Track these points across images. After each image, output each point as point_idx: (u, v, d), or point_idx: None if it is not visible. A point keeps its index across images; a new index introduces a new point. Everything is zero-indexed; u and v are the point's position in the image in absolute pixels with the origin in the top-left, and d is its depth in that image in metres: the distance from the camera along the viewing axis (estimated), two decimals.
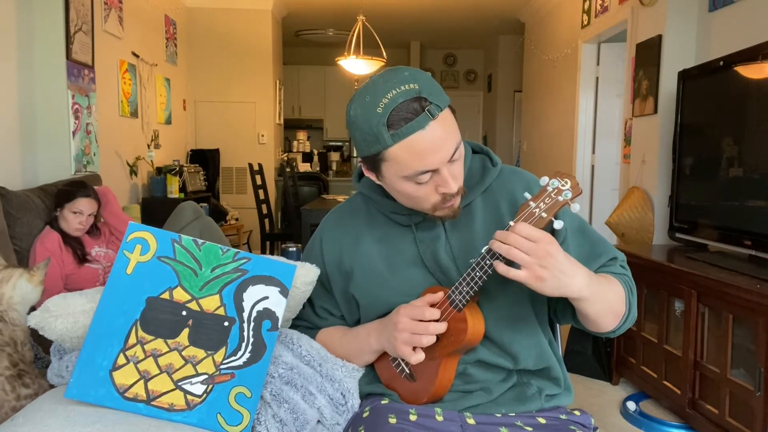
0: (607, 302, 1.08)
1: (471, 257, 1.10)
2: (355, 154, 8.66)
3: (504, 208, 1.17)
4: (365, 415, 1.14)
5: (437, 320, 1.09)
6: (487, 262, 1.02)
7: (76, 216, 2.75)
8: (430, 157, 1.01)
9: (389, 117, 0.99)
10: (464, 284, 1.06)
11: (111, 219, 2.95)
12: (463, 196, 1.13)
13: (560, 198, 0.99)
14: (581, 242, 1.18)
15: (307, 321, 1.31)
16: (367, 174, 1.13)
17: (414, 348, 1.09)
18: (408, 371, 1.16)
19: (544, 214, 0.99)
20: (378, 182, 1.13)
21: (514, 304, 1.16)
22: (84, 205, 2.76)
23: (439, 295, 1.09)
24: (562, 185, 0.99)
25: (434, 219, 1.14)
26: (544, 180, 1.01)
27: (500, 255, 1.00)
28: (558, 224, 1.00)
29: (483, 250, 1.03)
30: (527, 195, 1.03)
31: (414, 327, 1.07)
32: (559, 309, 1.21)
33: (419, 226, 1.17)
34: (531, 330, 1.18)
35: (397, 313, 1.10)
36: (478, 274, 1.04)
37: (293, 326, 1.32)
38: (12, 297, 1.64)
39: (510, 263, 1.00)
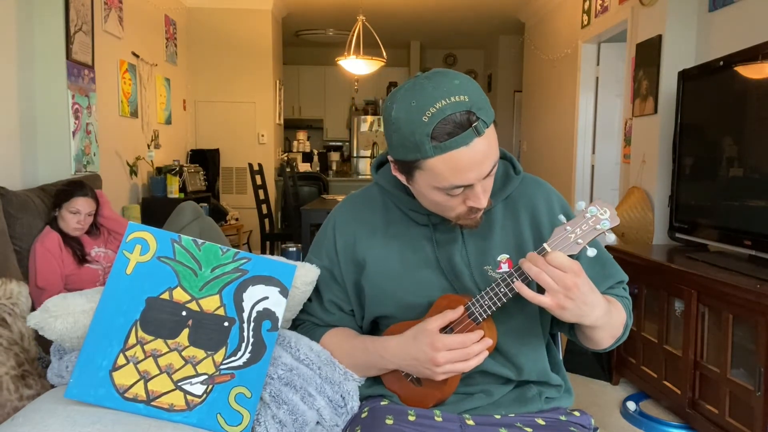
0: (611, 328, 1.11)
1: (486, 264, 1.09)
2: (355, 154, 8.65)
3: (524, 219, 1.16)
4: (363, 415, 1.14)
5: (453, 329, 1.08)
6: (514, 279, 1.01)
7: (75, 216, 2.75)
8: (468, 173, 0.98)
9: (435, 128, 0.95)
10: (486, 298, 1.05)
11: (106, 222, 2.94)
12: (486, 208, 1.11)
13: (598, 226, 0.99)
14: (593, 261, 1.18)
15: (313, 316, 1.26)
16: (395, 174, 1.09)
17: None
18: (414, 376, 1.16)
19: (580, 240, 0.99)
20: (406, 184, 1.10)
21: (525, 316, 1.15)
22: (81, 205, 2.76)
23: (459, 311, 1.07)
24: (601, 214, 0.99)
25: (454, 226, 1.13)
26: (581, 205, 1.00)
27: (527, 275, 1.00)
28: (591, 252, 1.00)
29: (500, 260, 1.03)
30: (562, 218, 1.02)
31: (454, 357, 1.04)
32: (555, 320, 1.20)
33: (437, 227, 1.15)
34: (537, 342, 1.18)
35: (433, 348, 1.04)
36: (503, 290, 1.03)
37: (298, 321, 1.28)
38: (20, 292, 1.71)
39: (532, 284, 1.00)
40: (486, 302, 1.05)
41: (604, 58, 4.77)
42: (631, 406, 2.70)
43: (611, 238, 1.01)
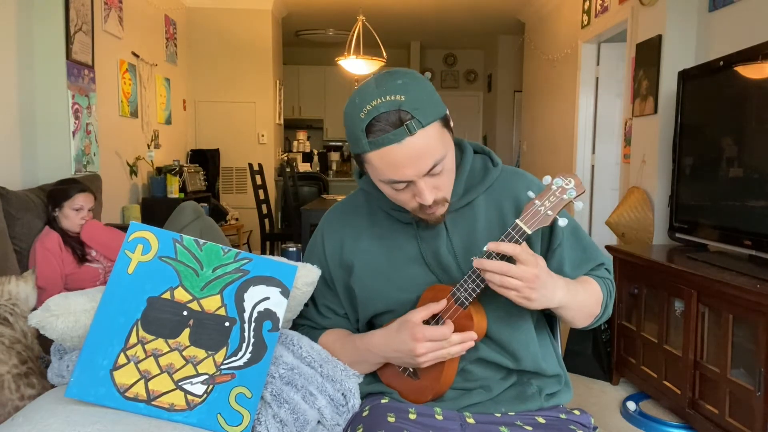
0: (582, 308, 1.16)
1: (472, 255, 1.10)
2: None
3: (507, 209, 1.18)
4: (365, 414, 1.15)
5: (443, 318, 1.10)
6: (494, 259, 1.04)
7: (78, 212, 2.77)
8: (404, 170, 1.02)
9: (369, 125, 1.00)
10: (470, 282, 1.07)
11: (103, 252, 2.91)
12: (456, 200, 1.15)
13: (564, 196, 1.03)
14: (574, 246, 1.22)
15: (310, 320, 1.30)
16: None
17: None
18: (411, 369, 1.16)
19: (549, 212, 1.03)
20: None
21: (512, 302, 1.16)
22: (83, 200, 2.79)
23: (442, 303, 1.09)
24: (566, 184, 1.03)
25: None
26: (548, 179, 1.04)
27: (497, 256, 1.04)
28: (563, 222, 1.04)
29: (486, 249, 1.04)
30: (531, 194, 1.06)
31: (434, 348, 1.07)
32: None
33: (421, 223, 1.17)
34: (528, 327, 1.19)
35: (414, 340, 1.07)
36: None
37: (296, 326, 1.31)
38: (18, 293, 1.73)
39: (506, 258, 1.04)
40: (470, 286, 1.07)
41: (604, 58, 4.77)
42: (631, 406, 2.70)
43: (579, 206, 1.05)
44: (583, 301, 1.15)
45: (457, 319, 1.09)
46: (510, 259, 1.03)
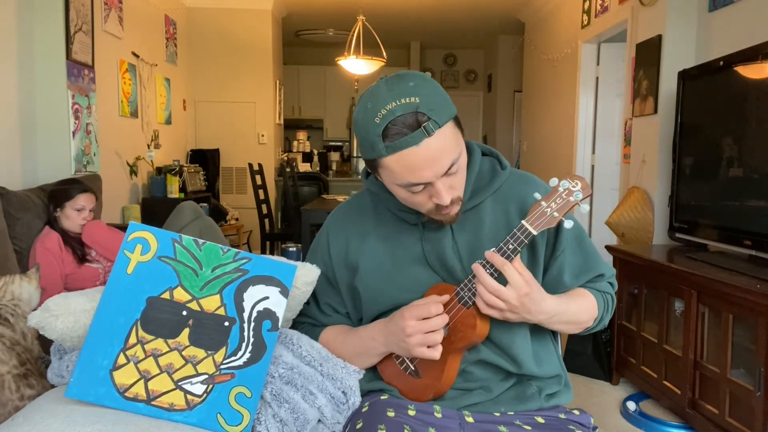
0: (569, 323, 1.18)
1: (477, 258, 1.11)
2: (355, 154, 8.66)
3: (513, 213, 1.18)
4: (364, 409, 1.15)
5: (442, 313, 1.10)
6: (489, 269, 1.05)
7: (80, 213, 2.78)
8: (423, 171, 1.02)
9: (385, 129, 1.00)
10: (474, 281, 1.07)
11: (103, 252, 2.89)
12: (464, 202, 1.14)
13: (571, 198, 1.04)
14: (577, 253, 1.21)
15: (311, 318, 1.30)
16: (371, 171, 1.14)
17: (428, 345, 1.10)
18: (413, 368, 1.17)
19: (555, 214, 1.04)
20: (380, 180, 1.14)
21: None
22: (85, 200, 2.80)
23: (445, 297, 1.10)
24: (573, 186, 1.04)
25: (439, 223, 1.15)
26: (554, 181, 1.05)
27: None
28: (568, 224, 1.05)
29: (490, 251, 1.05)
30: (537, 195, 1.06)
31: (422, 327, 1.07)
32: None
33: (426, 224, 1.18)
34: (526, 333, 1.19)
35: (402, 318, 1.09)
36: (489, 270, 1.05)
37: (297, 323, 1.31)
38: (21, 294, 1.74)
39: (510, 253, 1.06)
40: (474, 285, 1.07)
41: (604, 58, 4.77)
42: (631, 406, 2.70)
43: (585, 209, 1.06)
44: (572, 317, 1.16)
45: (460, 318, 1.09)
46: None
